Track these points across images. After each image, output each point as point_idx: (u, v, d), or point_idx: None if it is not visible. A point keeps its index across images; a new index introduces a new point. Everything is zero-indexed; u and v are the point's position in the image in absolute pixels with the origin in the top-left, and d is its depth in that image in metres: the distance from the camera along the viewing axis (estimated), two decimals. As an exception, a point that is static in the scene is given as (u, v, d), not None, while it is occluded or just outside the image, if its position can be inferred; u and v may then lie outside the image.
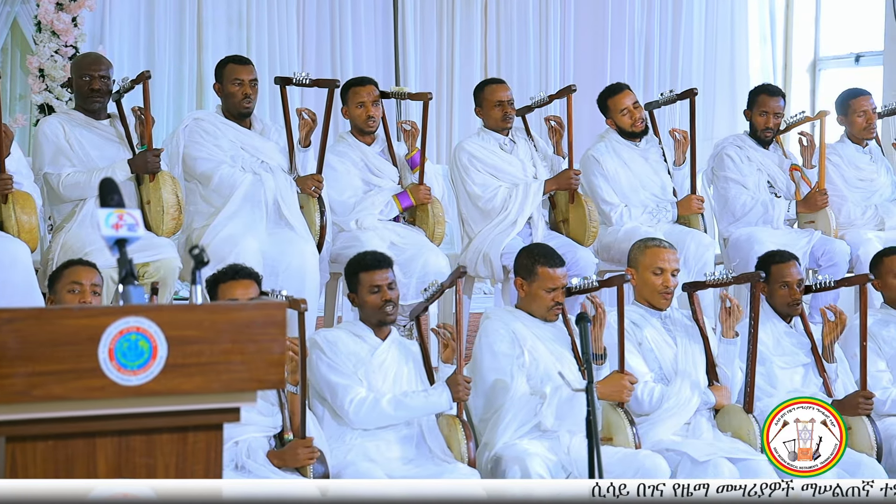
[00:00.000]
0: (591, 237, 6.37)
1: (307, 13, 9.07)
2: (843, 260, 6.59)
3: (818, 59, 10.18)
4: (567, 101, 6.45)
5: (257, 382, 2.54)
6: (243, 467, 4.62)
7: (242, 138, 6.05)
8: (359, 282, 5.05)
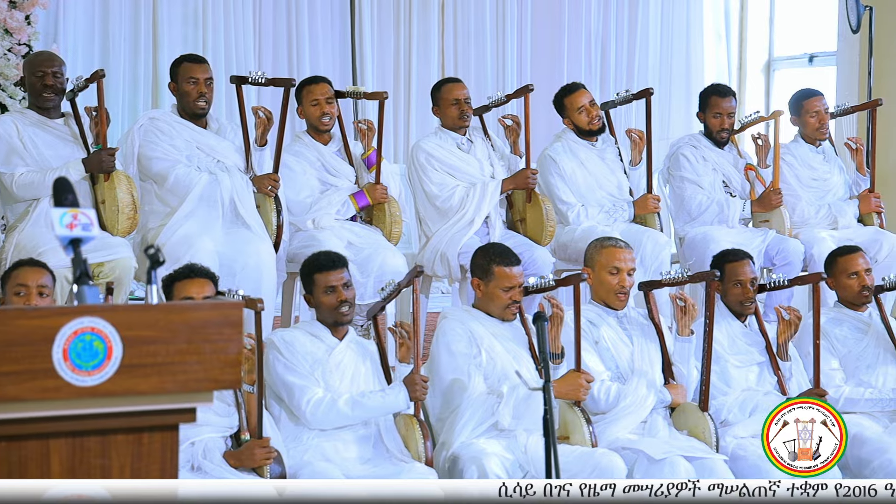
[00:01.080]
0: (548, 236, 6.39)
1: (263, 12, 9.03)
2: (798, 259, 6.64)
3: (772, 60, 10.26)
4: (524, 100, 6.46)
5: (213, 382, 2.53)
6: (199, 468, 4.60)
7: (198, 138, 6.02)
8: (314, 282, 5.04)
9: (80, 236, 2.56)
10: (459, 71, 9.36)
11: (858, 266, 5.89)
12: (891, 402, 5.71)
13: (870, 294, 5.89)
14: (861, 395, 5.71)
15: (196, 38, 8.73)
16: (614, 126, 6.90)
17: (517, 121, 6.57)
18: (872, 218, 6.98)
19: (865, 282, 5.87)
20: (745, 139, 7.29)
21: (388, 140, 8.80)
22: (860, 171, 7.04)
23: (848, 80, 8.86)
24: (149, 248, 2.65)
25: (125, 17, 8.63)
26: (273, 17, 9.07)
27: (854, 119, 8.23)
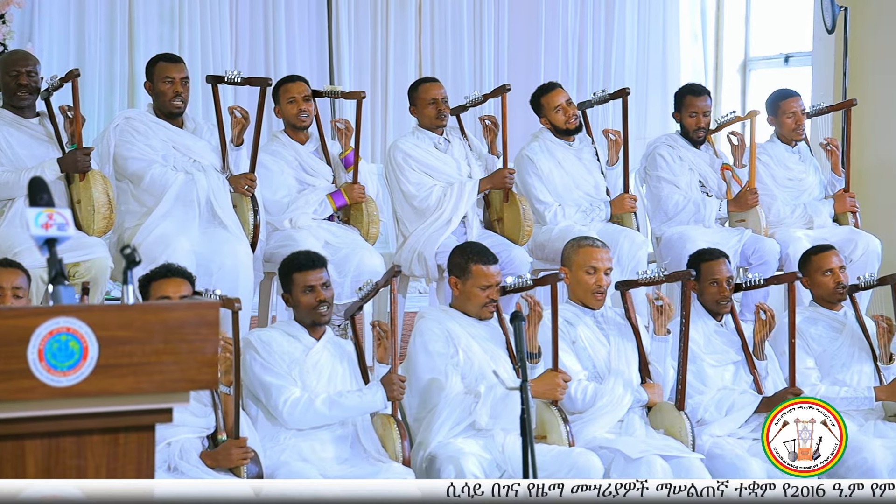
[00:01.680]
0: (525, 236, 6.40)
1: (240, 11, 9.01)
2: (773, 258, 6.67)
3: (748, 60, 10.30)
4: (501, 100, 6.47)
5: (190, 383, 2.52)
6: (176, 468, 4.59)
7: (174, 137, 6.01)
8: (292, 282, 5.03)
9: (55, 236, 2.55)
10: (436, 71, 9.36)
11: (832, 264, 5.92)
12: (865, 401, 5.74)
13: (844, 291, 5.92)
14: (836, 394, 5.74)
15: (172, 38, 8.70)
16: (591, 126, 6.92)
17: (494, 120, 6.57)
18: (847, 218, 7.01)
19: (839, 279, 5.90)
20: (721, 139, 7.31)
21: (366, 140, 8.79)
22: (835, 170, 7.07)
23: (823, 81, 8.89)
24: (125, 247, 2.64)
25: (101, 16, 8.59)
26: (250, 16, 9.05)
27: (829, 119, 8.27)
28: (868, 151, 8.49)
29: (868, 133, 8.44)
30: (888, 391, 5.74)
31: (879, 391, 5.75)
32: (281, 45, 9.08)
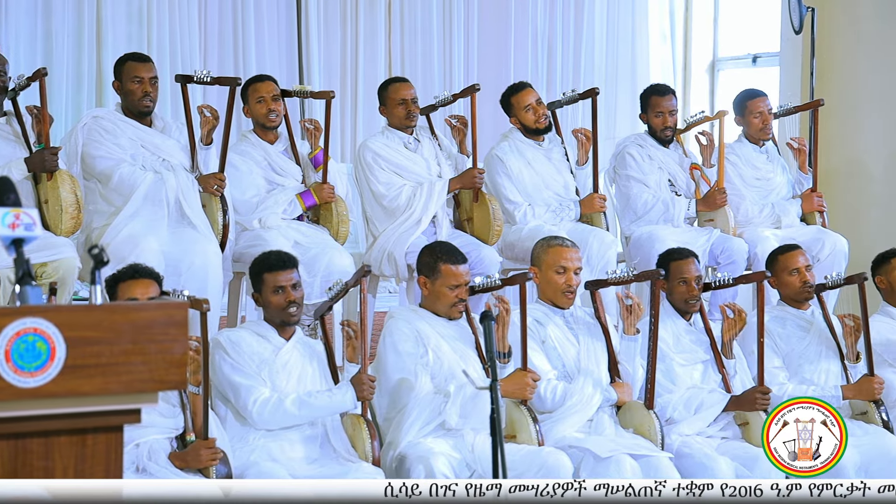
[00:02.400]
0: (495, 236, 6.40)
1: (209, 10, 8.98)
2: (742, 258, 6.70)
3: (717, 60, 10.35)
4: (471, 100, 6.48)
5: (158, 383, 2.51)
6: (144, 469, 4.57)
7: (143, 136, 5.99)
8: (263, 282, 5.02)
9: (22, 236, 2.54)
10: (406, 70, 9.37)
11: (798, 263, 5.95)
12: (833, 400, 5.77)
13: (811, 290, 5.95)
14: (804, 393, 5.76)
15: (140, 37, 8.66)
16: (560, 126, 6.93)
17: (464, 120, 6.58)
18: (815, 217, 7.06)
19: (806, 278, 5.93)
20: (689, 139, 7.34)
21: (335, 139, 8.79)
22: (802, 170, 7.11)
23: (791, 81, 8.94)
24: (93, 247, 2.63)
25: (68, 15, 8.54)
26: (219, 15, 9.03)
27: (797, 119, 8.32)
28: (835, 151, 8.54)
29: (835, 133, 8.49)
30: (855, 390, 5.78)
31: (846, 390, 5.79)
32: (250, 45, 9.06)
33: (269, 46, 9.13)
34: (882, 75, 8.57)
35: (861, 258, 6.73)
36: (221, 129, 6.02)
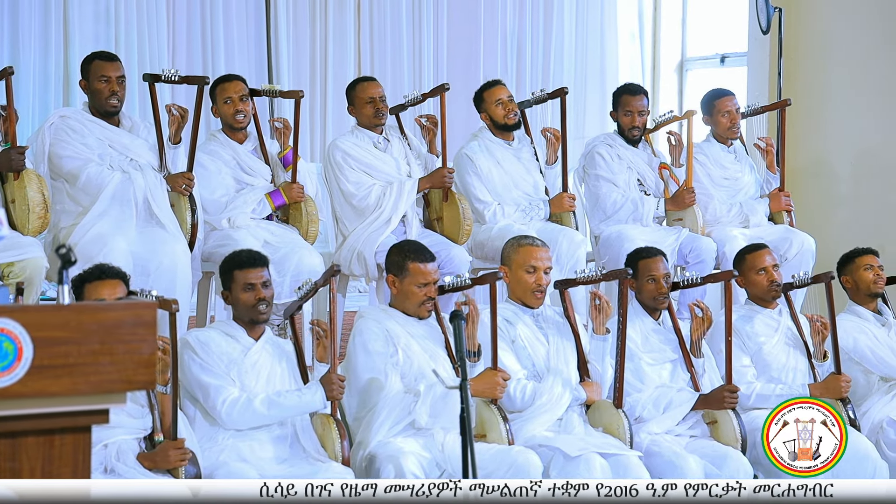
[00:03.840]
0: (464, 235, 6.41)
1: (177, 9, 8.94)
2: (710, 257, 6.73)
3: (685, 60, 10.39)
4: (440, 99, 6.48)
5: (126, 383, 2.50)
6: (113, 470, 4.55)
7: (110, 136, 5.96)
8: (233, 279, 5.01)
9: (-11, 236, 2.52)
10: (375, 70, 9.36)
11: (766, 262, 5.99)
12: (800, 398, 5.81)
13: (779, 289, 5.99)
14: (772, 392, 5.80)
15: (108, 35, 8.62)
16: (530, 125, 6.94)
17: (433, 120, 6.58)
18: (783, 216, 7.09)
19: (773, 277, 5.97)
20: (658, 138, 7.37)
21: (305, 139, 8.77)
22: (770, 169, 7.15)
23: (758, 81, 8.99)
24: (60, 247, 2.62)
25: (35, 13, 8.48)
26: (187, 13, 8.99)
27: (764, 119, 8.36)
28: (802, 151, 8.60)
29: (802, 133, 8.55)
30: (822, 388, 5.81)
31: (813, 388, 5.82)
32: (219, 44, 9.03)
33: (238, 45, 9.10)
34: (849, 75, 8.64)
35: (828, 257, 6.77)
36: (190, 128, 6.00)
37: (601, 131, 8.16)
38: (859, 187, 8.67)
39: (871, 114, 8.56)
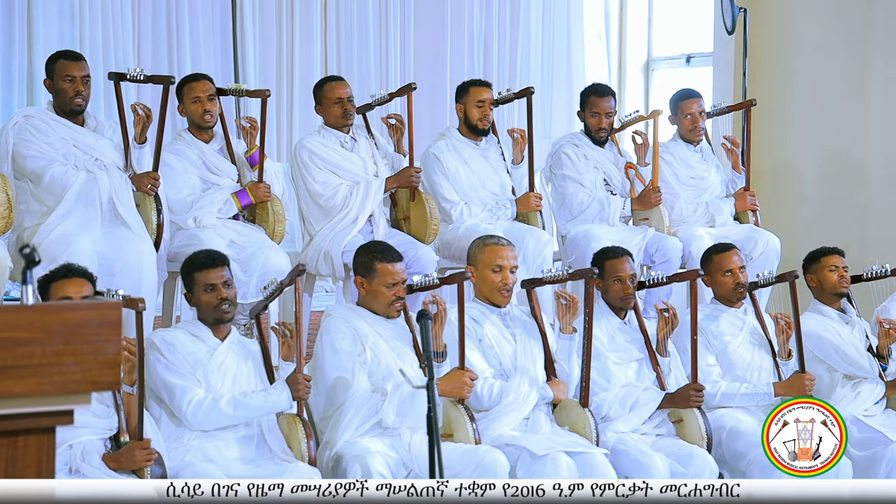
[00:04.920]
0: (431, 235, 6.41)
1: (142, 8, 8.90)
2: (676, 256, 6.76)
3: (651, 60, 10.43)
4: (407, 99, 6.47)
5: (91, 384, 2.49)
6: (77, 471, 4.53)
7: (75, 136, 5.92)
8: (194, 281, 5.00)
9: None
10: (342, 69, 9.34)
11: (733, 264, 6.02)
12: (765, 397, 5.85)
13: (744, 291, 6.02)
14: (737, 391, 5.83)
15: (73, 34, 8.57)
16: (496, 125, 6.95)
17: (400, 119, 6.58)
18: (748, 216, 7.13)
19: (740, 279, 6.00)
20: (625, 138, 7.40)
21: (271, 138, 8.74)
22: (736, 169, 7.19)
23: (724, 81, 9.04)
24: (24, 247, 2.60)
25: (-2, 12, 8.43)
26: (152, 12, 8.94)
27: (730, 118, 8.41)
28: (767, 150, 8.65)
29: (767, 132, 8.60)
30: (787, 386, 5.85)
31: (778, 387, 5.86)
32: (184, 42, 8.99)
33: (204, 44, 9.07)
34: (814, 75, 8.70)
35: (792, 256, 6.82)
36: (155, 127, 5.98)
37: (567, 131, 8.18)
38: (824, 187, 8.73)
39: (836, 114, 8.63)
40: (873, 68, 8.48)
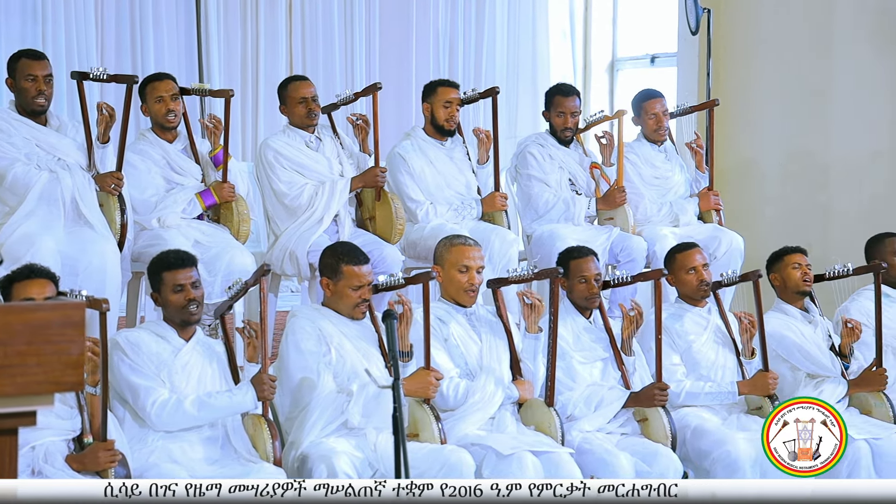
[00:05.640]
0: (397, 234, 6.41)
1: (106, 6, 8.84)
2: (641, 256, 6.78)
3: (616, 60, 10.47)
4: (373, 98, 6.47)
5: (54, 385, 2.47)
6: (40, 472, 4.50)
7: (37, 135, 5.88)
8: (162, 281, 4.97)
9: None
10: (307, 68, 9.32)
11: (696, 262, 6.04)
12: (729, 396, 5.88)
13: (708, 289, 6.05)
14: (701, 389, 5.86)
15: (35, 33, 8.50)
16: (462, 125, 6.96)
17: (366, 119, 6.57)
18: (712, 215, 7.17)
19: (703, 277, 6.03)
20: (590, 138, 7.42)
21: (236, 138, 8.72)
22: (699, 169, 7.22)
23: (688, 81, 9.09)
24: (-15, 247, 2.59)
25: (-41, 11, 8.36)
26: (116, 11, 8.89)
27: (694, 118, 8.46)
28: (731, 150, 8.71)
29: (731, 132, 8.66)
30: (750, 385, 5.88)
31: (742, 385, 5.89)
32: (148, 42, 8.94)
33: (168, 43, 9.02)
34: (776, 76, 8.76)
35: (756, 256, 6.86)
36: (118, 127, 5.94)
37: (533, 131, 8.19)
38: (786, 187, 8.79)
39: (799, 114, 8.69)
40: (836, 69, 8.54)
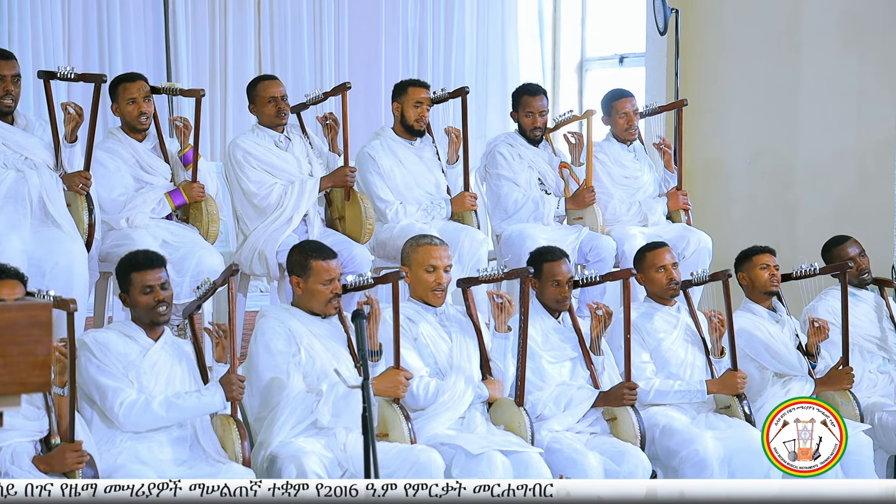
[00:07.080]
0: (366, 234, 6.41)
1: (72, 5, 8.79)
2: (610, 255, 6.80)
3: (585, 60, 10.50)
4: (342, 98, 6.46)
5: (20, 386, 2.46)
6: (7, 474, 4.47)
7: (4, 135, 5.84)
8: (130, 282, 4.95)
9: None
10: (276, 68, 9.30)
11: (665, 260, 6.07)
12: (698, 394, 5.90)
13: (677, 287, 6.07)
14: (670, 388, 5.89)
15: (1, 32, 8.45)
16: (431, 125, 6.96)
17: (335, 119, 6.56)
18: (680, 215, 7.20)
19: (672, 275, 6.05)
20: (559, 138, 7.44)
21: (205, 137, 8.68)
22: (668, 168, 7.25)
23: (656, 81, 9.12)
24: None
25: (-76, 9, 8.29)
26: (83, 9, 8.84)
27: (662, 118, 8.49)
28: (699, 150, 8.75)
29: (699, 132, 8.70)
30: (719, 384, 5.91)
31: (711, 384, 5.92)
32: (116, 41, 8.90)
33: (136, 42, 8.98)
34: (744, 76, 8.80)
35: (724, 255, 6.89)
36: (86, 126, 5.91)
37: (502, 130, 8.20)
38: (754, 186, 8.84)
39: (766, 114, 8.74)
40: (802, 70, 8.59)
